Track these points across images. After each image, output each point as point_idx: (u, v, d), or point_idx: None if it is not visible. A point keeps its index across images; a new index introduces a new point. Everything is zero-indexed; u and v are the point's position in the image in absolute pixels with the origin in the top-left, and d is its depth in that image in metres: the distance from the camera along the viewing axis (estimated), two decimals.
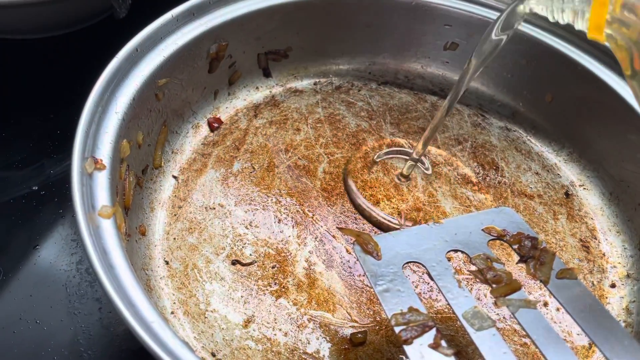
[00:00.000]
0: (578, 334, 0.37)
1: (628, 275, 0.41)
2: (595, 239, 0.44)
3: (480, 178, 0.47)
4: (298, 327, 0.36)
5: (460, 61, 0.52)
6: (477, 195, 0.45)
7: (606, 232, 0.44)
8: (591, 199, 0.46)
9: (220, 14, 0.45)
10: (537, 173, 0.48)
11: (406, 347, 0.27)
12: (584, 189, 0.47)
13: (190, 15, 0.43)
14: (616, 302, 0.40)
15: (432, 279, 0.31)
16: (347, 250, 0.40)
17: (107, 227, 0.31)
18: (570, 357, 0.27)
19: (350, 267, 0.39)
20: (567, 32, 0.46)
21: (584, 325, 0.28)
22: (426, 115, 0.51)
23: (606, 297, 0.40)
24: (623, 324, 0.39)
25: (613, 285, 0.41)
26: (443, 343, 0.27)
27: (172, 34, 0.42)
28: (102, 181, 0.33)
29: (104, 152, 0.34)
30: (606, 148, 0.46)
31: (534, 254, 0.32)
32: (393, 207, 0.43)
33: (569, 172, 0.48)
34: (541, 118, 0.50)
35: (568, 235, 0.44)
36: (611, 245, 0.43)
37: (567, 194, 0.46)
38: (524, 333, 0.31)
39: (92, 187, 0.32)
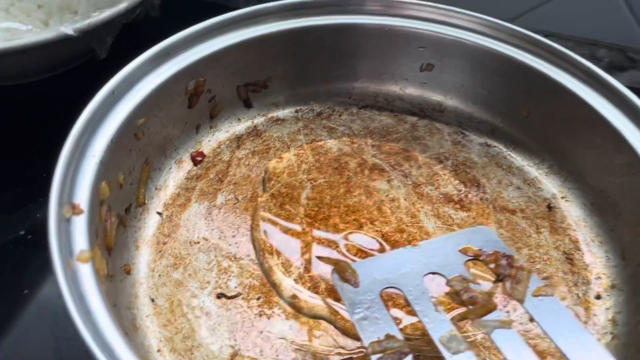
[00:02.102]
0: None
1: (613, 286, 0.41)
2: (579, 250, 0.44)
3: (463, 195, 0.47)
4: (284, 357, 0.36)
5: (436, 81, 0.53)
6: (459, 213, 0.46)
7: (589, 243, 0.44)
8: (573, 211, 0.46)
9: (196, 51, 0.46)
10: (518, 187, 0.48)
11: None
12: (566, 200, 0.47)
13: (166, 55, 0.44)
14: (602, 314, 0.40)
15: (409, 303, 0.31)
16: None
17: (85, 272, 0.31)
18: None
19: (335, 293, 0.40)
20: (538, 48, 0.47)
21: (560, 343, 0.28)
22: (407, 136, 0.52)
23: (592, 309, 0.40)
24: (609, 336, 0.39)
25: (598, 297, 0.41)
26: None
27: (149, 73, 0.43)
28: (80, 225, 0.33)
29: (82, 196, 0.35)
30: (585, 159, 0.46)
31: (510, 273, 0.33)
32: (377, 230, 0.44)
33: (550, 185, 0.48)
34: (520, 132, 0.51)
35: (552, 248, 0.44)
36: (595, 256, 0.43)
37: (549, 207, 0.47)
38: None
39: (70, 232, 0.33)
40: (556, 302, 0.31)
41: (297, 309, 0.39)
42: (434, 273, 0.33)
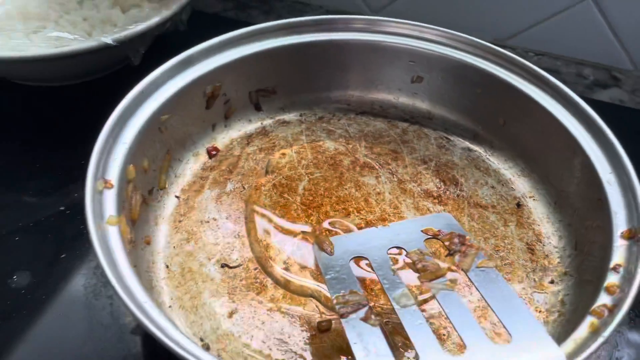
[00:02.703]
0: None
1: (565, 273, 0.47)
2: (540, 242, 0.50)
3: (442, 192, 0.54)
4: (273, 317, 0.43)
5: (425, 92, 0.59)
6: (436, 206, 0.52)
7: (550, 237, 0.50)
8: (539, 208, 0.52)
9: (214, 60, 0.54)
10: (492, 187, 0.54)
11: (342, 320, 0.34)
12: (534, 199, 0.53)
13: (188, 63, 0.52)
14: (553, 295, 0.46)
15: (373, 270, 0.38)
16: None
17: (113, 233, 0.39)
18: (475, 327, 0.33)
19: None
20: (511, 64, 0.53)
21: (492, 303, 0.35)
22: (397, 140, 0.59)
23: (545, 291, 0.46)
24: (556, 314, 0.44)
25: (552, 282, 0.47)
26: (372, 317, 0.34)
27: (173, 77, 0.51)
28: (110, 197, 0.41)
29: (113, 174, 0.42)
30: (549, 163, 0.52)
31: (460, 249, 0.39)
32: (362, 218, 0.51)
33: (522, 186, 0.54)
34: (497, 139, 0.57)
35: (516, 239, 0.50)
36: (553, 247, 0.49)
37: (518, 205, 0.53)
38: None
39: (102, 202, 0.40)
40: (495, 273, 0.37)
41: (286, 279, 0.46)
42: (397, 247, 0.40)
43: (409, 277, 0.40)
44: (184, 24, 0.64)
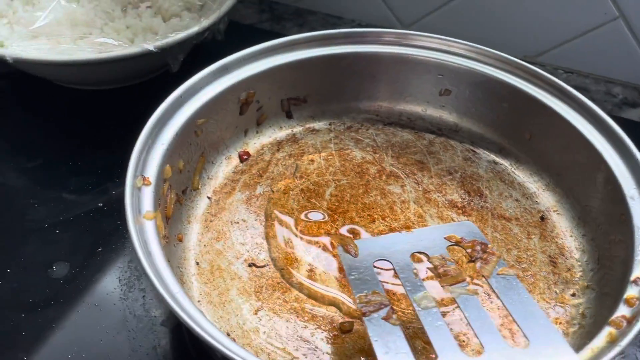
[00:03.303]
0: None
1: (587, 286, 0.47)
2: (563, 255, 0.50)
3: (466, 203, 0.55)
4: (297, 316, 0.45)
5: (453, 104, 0.60)
6: (460, 217, 0.53)
7: (573, 251, 0.50)
8: (563, 222, 0.53)
9: (249, 68, 0.56)
10: (517, 200, 0.55)
11: (364, 319, 0.35)
12: (558, 214, 0.54)
13: (224, 70, 0.54)
14: (574, 308, 0.46)
15: (396, 272, 0.39)
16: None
17: (149, 226, 0.41)
18: (494, 332, 0.34)
19: (344, 271, 0.48)
20: (538, 80, 0.54)
21: (511, 309, 0.36)
22: (423, 151, 0.60)
23: (567, 303, 0.46)
24: (577, 326, 0.45)
25: (574, 294, 0.47)
26: (393, 317, 0.35)
27: (210, 84, 0.53)
28: (147, 194, 0.43)
29: (151, 172, 0.45)
30: (574, 178, 0.52)
31: (481, 256, 0.40)
32: (386, 225, 0.52)
33: (546, 200, 0.55)
34: (523, 153, 0.57)
35: (539, 252, 0.51)
36: (576, 261, 0.50)
37: (542, 218, 0.53)
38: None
39: (140, 198, 0.43)
40: (515, 280, 0.38)
41: (312, 280, 0.47)
42: (420, 252, 0.41)
43: (432, 286, 0.41)
44: (221, 34, 0.66)
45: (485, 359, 0.32)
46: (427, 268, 0.42)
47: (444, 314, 0.42)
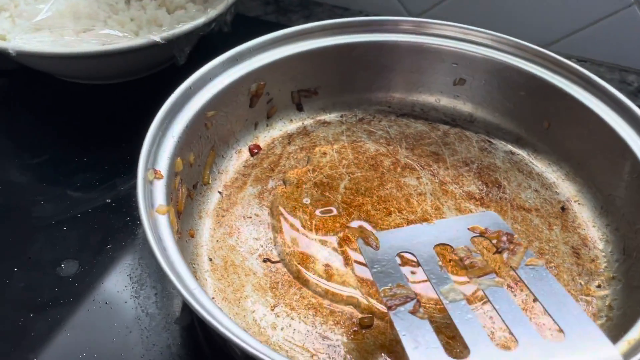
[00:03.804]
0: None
1: (613, 277, 0.46)
2: (586, 246, 0.49)
3: (484, 194, 0.53)
4: (315, 312, 0.43)
5: (467, 94, 0.59)
6: (479, 208, 0.52)
7: (596, 241, 0.49)
8: (584, 213, 0.51)
9: (259, 59, 0.54)
10: (536, 190, 0.54)
11: (390, 312, 0.34)
12: (579, 204, 0.52)
13: (234, 61, 0.53)
14: (600, 300, 0.45)
15: (420, 265, 0.38)
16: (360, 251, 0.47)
17: (162, 221, 0.39)
18: (526, 323, 0.33)
19: (363, 265, 0.46)
20: (557, 67, 0.53)
21: (543, 300, 0.34)
22: (438, 142, 0.59)
23: (592, 295, 0.45)
24: (604, 318, 0.43)
25: (599, 286, 0.46)
26: (420, 310, 0.34)
27: (219, 75, 0.52)
28: (160, 188, 0.42)
29: (162, 165, 0.43)
30: (596, 166, 0.51)
31: (508, 247, 0.38)
32: (403, 218, 0.50)
33: (566, 190, 0.53)
34: (541, 142, 0.56)
35: (561, 243, 0.49)
36: (600, 251, 0.48)
37: (562, 208, 0.52)
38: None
39: (152, 191, 0.41)
40: (544, 271, 0.36)
41: (328, 275, 0.46)
42: (443, 244, 0.40)
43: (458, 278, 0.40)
44: (228, 26, 0.65)
45: (519, 353, 0.30)
46: (452, 260, 0.40)
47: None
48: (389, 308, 0.34)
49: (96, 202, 0.53)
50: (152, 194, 0.41)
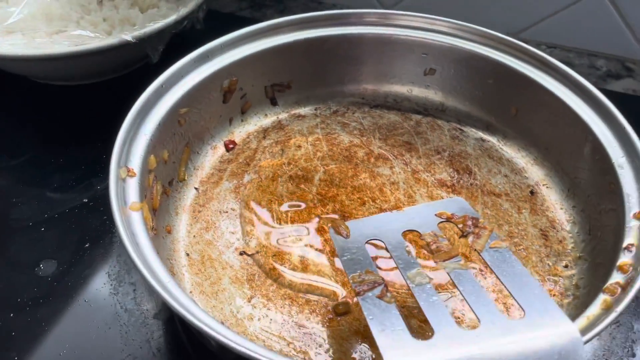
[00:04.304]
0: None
1: (579, 257, 0.47)
2: (554, 228, 0.50)
3: (455, 181, 0.54)
4: (291, 302, 0.44)
5: (438, 84, 0.60)
6: (450, 195, 0.53)
7: (563, 223, 0.50)
8: (552, 196, 0.53)
9: (231, 55, 0.55)
10: (505, 175, 0.55)
11: (359, 298, 0.35)
12: (547, 187, 0.54)
13: (205, 57, 0.53)
14: (567, 279, 0.46)
15: (388, 251, 0.39)
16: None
17: (136, 218, 0.40)
18: (489, 304, 0.34)
19: (337, 254, 0.47)
20: (523, 54, 0.54)
21: (505, 281, 0.35)
22: (410, 132, 0.60)
23: (560, 275, 0.46)
24: (571, 297, 0.45)
25: (566, 266, 0.47)
26: (387, 295, 0.35)
27: (191, 72, 0.52)
28: (132, 185, 0.42)
29: (135, 163, 0.44)
30: (562, 151, 0.52)
31: (473, 230, 0.40)
32: (377, 207, 0.51)
33: (534, 174, 0.55)
34: (510, 129, 0.57)
35: (530, 226, 0.50)
36: (567, 232, 0.50)
37: (531, 192, 0.53)
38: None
39: (125, 189, 0.42)
40: (507, 252, 0.38)
41: (304, 265, 0.47)
42: (411, 231, 0.41)
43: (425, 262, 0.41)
44: (201, 23, 0.65)
45: (481, 332, 0.32)
46: (419, 245, 0.41)
47: (438, 291, 0.42)
48: (357, 294, 0.35)
49: (73, 202, 0.53)
50: (125, 192, 0.42)
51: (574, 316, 0.42)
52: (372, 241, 0.40)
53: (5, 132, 0.62)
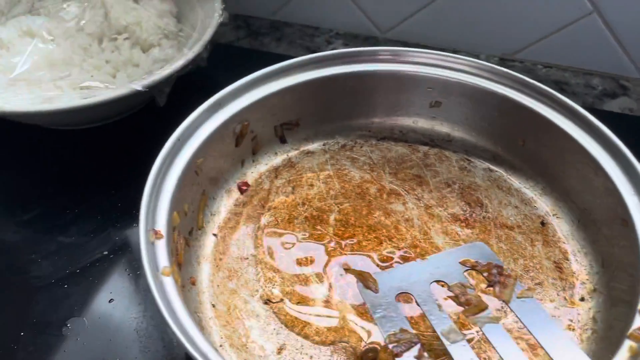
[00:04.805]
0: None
1: (594, 290, 0.49)
2: (567, 260, 0.52)
3: (468, 215, 0.56)
4: (321, 350, 0.45)
5: (443, 115, 0.61)
6: (464, 230, 0.54)
7: (576, 254, 0.52)
8: (563, 226, 0.54)
9: (242, 100, 0.55)
10: (516, 207, 0.56)
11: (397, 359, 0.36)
12: (557, 217, 0.55)
13: (217, 106, 0.54)
14: (585, 313, 0.48)
15: (418, 305, 0.40)
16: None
17: (168, 282, 0.41)
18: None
19: (361, 299, 0.48)
20: (526, 88, 0.55)
21: (535, 333, 0.37)
22: (419, 164, 0.61)
23: (577, 309, 0.48)
24: (590, 331, 0.46)
25: (582, 299, 0.49)
26: (425, 354, 0.36)
27: (205, 122, 0.53)
28: (161, 248, 0.43)
29: (161, 224, 0.44)
30: (570, 182, 0.54)
31: (499, 279, 0.41)
32: (394, 246, 0.53)
33: (544, 204, 0.56)
34: (517, 159, 0.59)
35: (544, 258, 0.52)
36: (580, 264, 0.51)
37: (542, 223, 0.55)
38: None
39: (155, 253, 0.42)
40: (535, 302, 0.39)
41: (329, 309, 0.48)
42: (438, 281, 0.42)
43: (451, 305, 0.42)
44: (204, 61, 0.65)
45: None
46: (449, 297, 0.43)
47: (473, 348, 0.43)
48: (396, 355, 0.36)
49: (93, 255, 0.54)
50: (156, 256, 0.42)
51: (594, 351, 0.44)
52: (402, 295, 0.41)
53: (14, 184, 0.61)
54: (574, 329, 0.47)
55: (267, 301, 0.49)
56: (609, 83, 0.75)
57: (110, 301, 0.50)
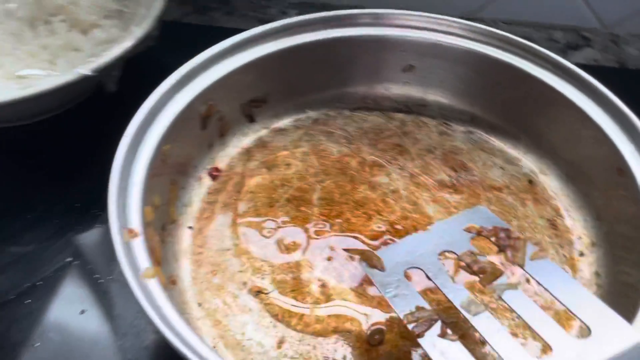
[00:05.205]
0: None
1: (593, 244, 0.48)
2: (560, 216, 0.51)
3: (454, 180, 0.53)
4: (324, 339, 0.42)
5: (417, 80, 0.58)
6: (453, 196, 0.52)
7: (568, 209, 0.51)
8: (551, 183, 0.53)
9: (202, 79, 0.50)
10: (501, 167, 0.55)
11: (420, 340, 0.33)
12: (544, 174, 0.54)
13: (178, 86, 0.48)
14: (586, 268, 0.47)
15: (429, 279, 0.37)
16: (351, 258, 0.46)
17: (153, 285, 0.36)
18: (551, 324, 0.33)
19: (358, 278, 0.45)
20: (503, 42, 0.53)
21: (558, 295, 0.35)
22: (398, 133, 0.58)
23: (577, 266, 0.47)
24: (594, 287, 0.45)
25: (582, 254, 0.48)
26: (448, 331, 0.33)
27: (166, 105, 0.47)
28: (139, 247, 0.38)
29: (134, 221, 0.39)
30: (556, 136, 0.53)
31: (509, 243, 0.39)
32: (384, 220, 0.50)
33: (529, 162, 0.55)
34: (497, 118, 0.57)
35: (537, 217, 0.51)
36: (574, 219, 0.50)
37: (530, 182, 0.53)
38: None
39: (133, 254, 0.37)
40: (549, 262, 0.37)
41: (326, 296, 0.44)
42: (446, 251, 0.39)
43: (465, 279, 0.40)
44: (155, 40, 0.59)
45: (557, 359, 0.31)
46: (460, 267, 0.40)
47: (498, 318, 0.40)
48: (418, 335, 0.33)
49: (54, 263, 0.48)
50: (134, 257, 0.37)
51: None
52: (411, 270, 0.38)
53: None
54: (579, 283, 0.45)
55: (258, 292, 0.45)
56: (571, 35, 0.74)
57: (81, 312, 0.45)
